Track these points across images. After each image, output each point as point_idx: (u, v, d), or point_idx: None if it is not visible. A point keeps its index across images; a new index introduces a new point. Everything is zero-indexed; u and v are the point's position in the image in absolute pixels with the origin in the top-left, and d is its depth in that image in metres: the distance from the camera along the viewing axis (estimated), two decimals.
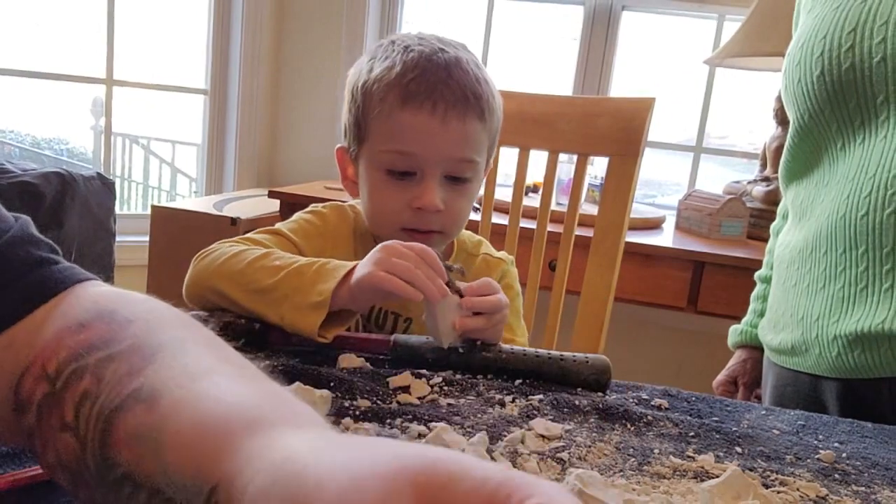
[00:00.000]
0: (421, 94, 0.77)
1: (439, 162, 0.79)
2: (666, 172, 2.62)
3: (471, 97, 0.79)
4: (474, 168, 0.82)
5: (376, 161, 0.81)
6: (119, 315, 0.35)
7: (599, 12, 2.35)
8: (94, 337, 0.34)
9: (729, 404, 0.70)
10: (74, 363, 0.33)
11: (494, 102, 0.83)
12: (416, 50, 0.79)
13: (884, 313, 0.74)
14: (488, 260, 0.92)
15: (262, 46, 2.46)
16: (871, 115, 0.77)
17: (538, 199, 1.25)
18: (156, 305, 0.38)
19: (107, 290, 0.39)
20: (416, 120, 0.77)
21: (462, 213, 0.83)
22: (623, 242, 1.19)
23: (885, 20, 0.74)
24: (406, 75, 0.77)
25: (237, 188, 2.50)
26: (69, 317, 0.36)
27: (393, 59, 0.79)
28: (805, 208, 0.88)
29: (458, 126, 0.78)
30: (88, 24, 2.47)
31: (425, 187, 0.79)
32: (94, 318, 0.35)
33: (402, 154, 0.79)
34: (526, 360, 0.71)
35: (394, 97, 0.78)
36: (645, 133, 1.16)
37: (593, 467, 0.53)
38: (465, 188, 0.83)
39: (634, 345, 2.25)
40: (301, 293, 0.69)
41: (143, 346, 0.33)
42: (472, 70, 0.80)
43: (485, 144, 0.83)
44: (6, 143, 3.09)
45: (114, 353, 0.33)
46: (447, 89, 0.77)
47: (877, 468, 0.57)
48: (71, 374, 0.33)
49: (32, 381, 0.34)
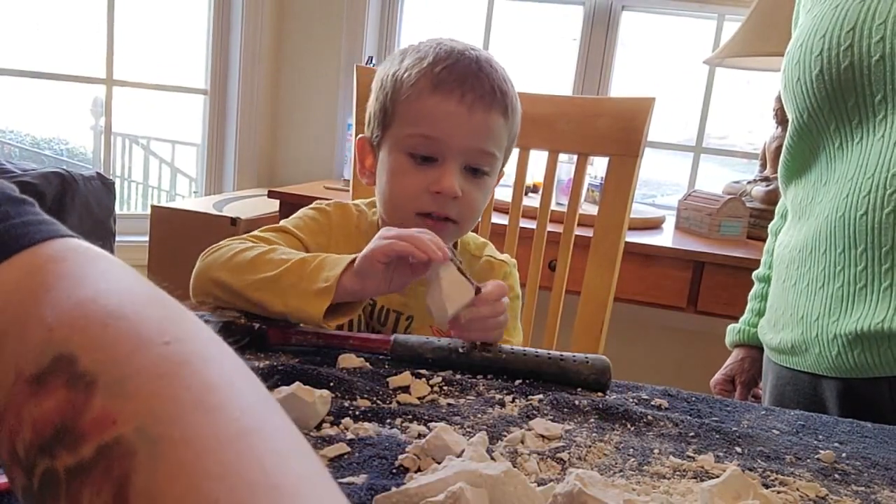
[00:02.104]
0: (451, 82, 0.80)
1: (461, 150, 0.81)
2: (666, 172, 2.62)
3: (497, 92, 0.81)
4: (492, 163, 0.84)
5: (400, 144, 0.83)
6: (79, 368, 0.28)
7: (599, 12, 2.35)
8: (53, 414, 0.27)
9: (729, 404, 0.70)
10: (43, 459, 0.27)
11: (517, 105, 0.86)
12: (449, 45, 0.83)
13: (883, 312, 0.74)
14: (492, 262, 0.93)
15: (262, 46, 2.46)
16: (870, 113, 0.77)
17: (538, 199, 1.25)
18: (128, 326, 0.30)
19: (67, 287, 0.32)
20: (444, 106, 0.80)
21: (477, 204, 0.85)
22: (623, 242, 1.19)
23: (883, 19, 0.74)
24: (438, 64, 0.81)
25: (237, 188, 2.50)
26: (25, 350, 0.30)
27: (425, 52, 0.83)
28: (804, 208, 0.88)
29: (484, 118, 0.81)
30: (88, 24, 2.47)
31: (445, 171, 0.81)
32: (49, 367, 0.29)
33: (427, 138, 0.81)
34: (526, 360, 0.71)
35: (425, 82, 0.81)
36: (645, 133, 1.16)
37: (593, 467, 0.53)
38: (483, 181, 0.85)
39: (634, 345, 2.25)
40: (307, 280, 0.71)
41: (112, 457, 0.26)
42: (500, 70, 0.84)
43: (504, 143, 0.86)
44: (6, 143, 3.09)
45: (82, 463, 0.26)
46: (476, 81, 0.80)
47: (877, 468, 0.57)
48: (44, 478, 0.27)
49: (7, 453, 0.29)
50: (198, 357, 0.29)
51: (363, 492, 0.45)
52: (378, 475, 0.48)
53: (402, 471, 0.49)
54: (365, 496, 0.45)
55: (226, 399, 0.28)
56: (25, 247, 0.33)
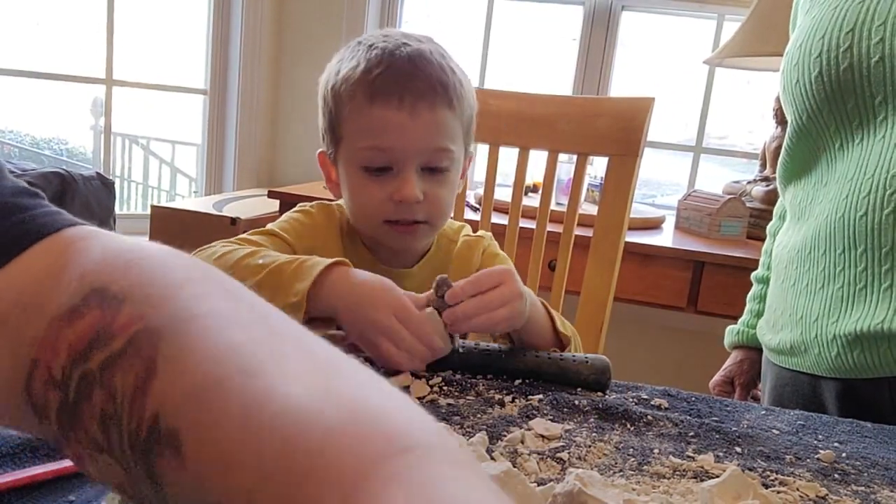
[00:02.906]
0: (387, 89, 0.77)
1: (414, 154, 0.79)
2: (665, 172, 2.62)
3: (438, 87, 0.79)
4: (450, 157, 0.82)
5: (353, 159, 0.82)
6: (109, 292, 0.31)
7: (599, 12, 2.35)
8: (88, 330, 0.31)
9: (728, 404, 0.70)
10: (78, 367, 0.30)
11: (463, 90, 0.83)
12: (380, 47, 0.80)
13: (883, 313, 0.74)
14: (469, 241, 0.93)
15: (262, 46, 2.46)
16: (870, 115, 0.77)
17: (538, 199, 1.25)
18: (150, 262, 0.33)
19: (93, 249, 0.35)
20: (385, 115, 0.78)
21: (444, 201, 0.83)
22: (623, 242, 1.19)
23: (883, 20, 0.74)
24: (371, 71, 0.78)
25: (237, 188, 2.50)
26: (59, 299, 0.33)
27: (358, 58, 0.80)
28: (804, 208, 0.88)
29: (429, 117, 0.79)
30: (88, 24, 2.47)
31: (403, 180, 0.79)
32: (82, 301, 0.32)
33: (377, 150, 0.79)
34: (526, 360, 0.71)
35: (362, 94, 0.79)
36: (644, 133, 1.16)
37: (593, 467, 0.53)
38: (444, 178, 0.83)
39: (634, 345, 2.25)
40: (281, 293, 0.70)
41: (141, 342, 0.29)
42: (437, 60, 0.80)
43: (458, 133, 0.83)
44: (6, 143, 3.08)
45: (114, 352, 0.30)
46: (413, 82, 0.78)
47: (876, 468, 0.57)
48: (80, 383, 0.30)
49: (42, 386, 0.32)
50: (217, 285, 0.33)
51: None
52: None
53: None
54: None
55: (247, 295, 0.33)
56: (51, 232, 0.36)
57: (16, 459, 0.46)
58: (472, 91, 0.86)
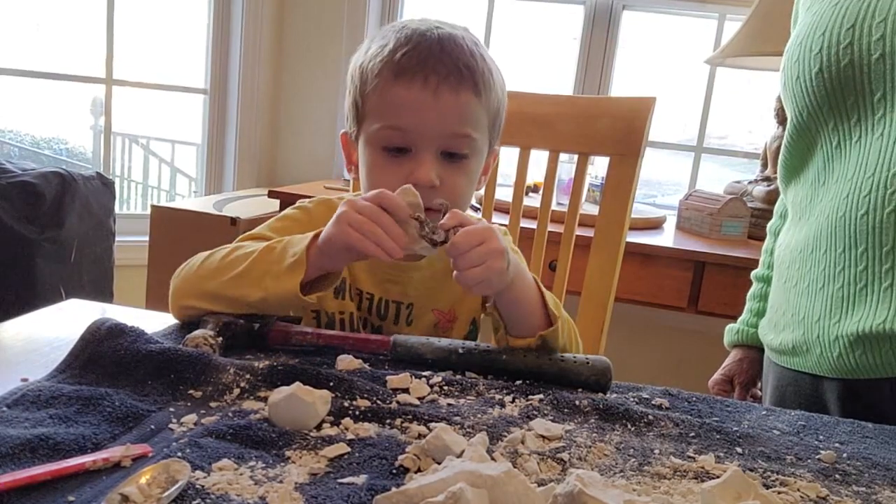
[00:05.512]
0: (412, 68, 0.76)
1: (433, 137, 0.78)
2: (666, 172, 2.62)
3: (463, 70, 0.77)
4: (471, 144, 0.80)
5: (373, 139, 0.81)
6: None
7: (600, 12, 2.35)
8: None
9: (729, 404, 0.70)
10: None
11: (492, 79, 0.81)
12: (412, 28, 0.79)
13: (884, 313, 0.74)
14: None
15: (262, 46, 2.46)
16: (868, 112, 0.77)
17: (538, 199, 1.25)
18: None
19: None
20: (407, 94, 0.77)
21: (461, 190, 0.81)
22: (624, 242, 1.19)
23: (883, 17, 0.74)
24: (398, 50, 0.77)
25: (237, 188, 2.50)
26: None
27: (388, 38, 0.80)
28: (804, 208, 0.88)
29: (451, 99, 0.77)
30: (88, 24, 2.47)
31: (419, 162, 0.78)
32: None
33: (396, 129, 0.78)
34: (526, 361, 0.71)
35: (387, 72, 0.78)
36: (645, 133, 1.16)
37: (593, 467, 0.53)
38: (463, 165, 0.81)
39: (635, 345, 2.25)
40: (276, 263, 0.72)
41: None
42: (468, 46, 0.79)
43: (483, 121, 0.81)
44: (6, 143, 3.08)
45: None
46: (439, 62, 0.77)
47: (877, 468, 0.57)
48: None
49: None
50: None
51: (363, 492, 0.45)
52: (378, 475, 0.48)
53: (402, 471, 0.49)
54: (365, 496, 0.45)
55: None
56: None
57: (16, 459, 0.46)
58: (504, 86, 0.85)
